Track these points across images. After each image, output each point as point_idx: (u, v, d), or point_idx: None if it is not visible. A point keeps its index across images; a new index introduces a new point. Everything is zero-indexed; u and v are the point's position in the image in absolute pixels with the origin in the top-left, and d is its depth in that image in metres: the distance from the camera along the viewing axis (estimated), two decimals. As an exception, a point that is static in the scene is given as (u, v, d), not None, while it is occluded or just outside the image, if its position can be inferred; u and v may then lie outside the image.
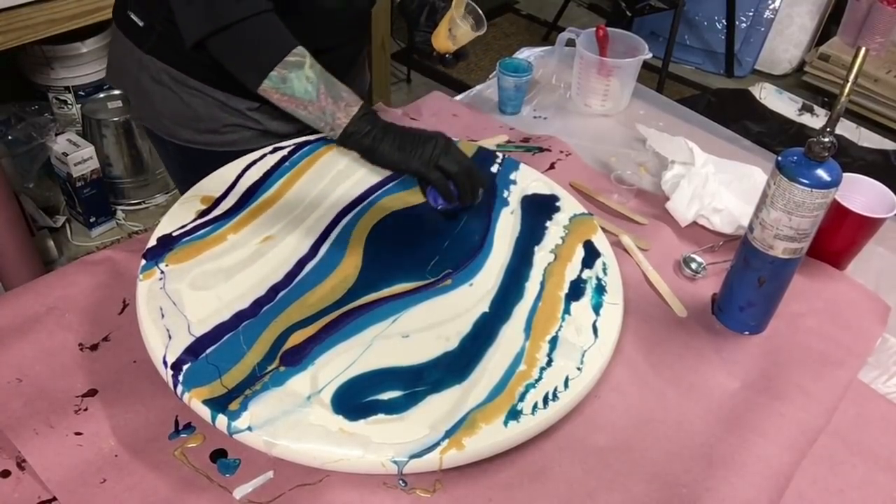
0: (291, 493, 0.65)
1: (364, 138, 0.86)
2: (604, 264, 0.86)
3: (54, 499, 0.64)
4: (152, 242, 0.82)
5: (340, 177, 0.95)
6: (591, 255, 0.87)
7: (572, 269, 0.85)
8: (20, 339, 0.77)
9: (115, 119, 1.87)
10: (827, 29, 2.90)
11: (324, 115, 0.86)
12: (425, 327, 0.76)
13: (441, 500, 0.66)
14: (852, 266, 0.95)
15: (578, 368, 0.73)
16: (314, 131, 0.98)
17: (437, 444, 0.65)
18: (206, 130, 1.01)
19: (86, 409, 0.71)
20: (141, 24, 0.96)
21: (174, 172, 1.19)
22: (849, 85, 0.70)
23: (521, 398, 0.69)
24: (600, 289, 0.82)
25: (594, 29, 1.23)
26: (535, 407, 0.69)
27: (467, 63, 3.00)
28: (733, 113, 2.22)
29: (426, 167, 0.85)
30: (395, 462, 0.63)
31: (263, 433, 0.64)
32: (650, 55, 1.21)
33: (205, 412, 0.66)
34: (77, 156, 1.77)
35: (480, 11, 1.00)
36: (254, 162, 0.95)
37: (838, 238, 0.92)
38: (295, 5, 0.91)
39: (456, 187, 0.86)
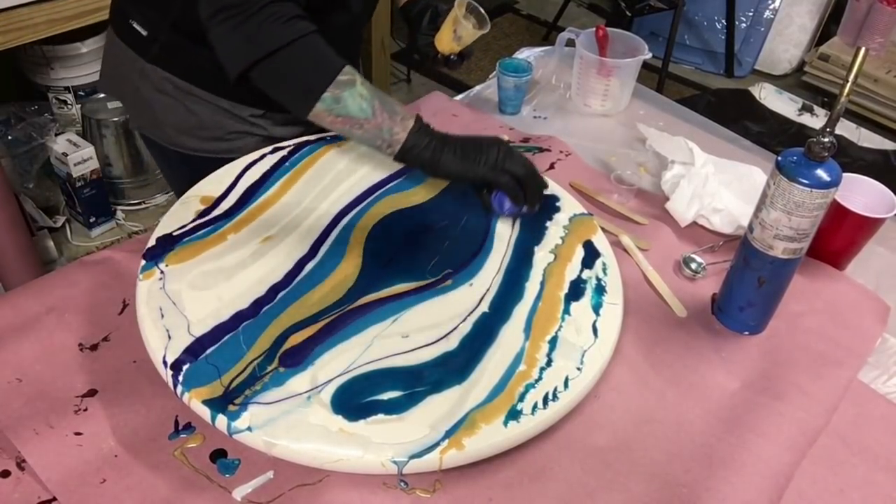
0: (291, 493, 0.65)
1: (424, 151, 0.83)
2: (604, 264, 0.86)
3: (54, 499, 0.64)
4: (152, 242, 0.82)
5: (340, 177, 0.95)
6: (590, 255, 0.87)
7: (572, 269, 0.85)
8: (20, 339, 0.77)
9: (115, 119, 1.87)
10: (827, 29, 2.90)
11: (381, 131, 0.83)
12: (425, 327, 0.76)
13: (441, 500, 0.66)
14: (852, 266, 0.95)
15: (578, 368, 0.73)
16: (318, 132, 0.98)
17: (437, 444, 0.65)
18: (211, 138, 1.00)
19: (86, 409, 0.71)
20: (144, 33, 0.95)
21: (174, 180, 1.18)
22: (849, 85, 0.70)
23: (521, 398, 0.69)
24: (600, 289, 0.82)
25: (594, 29, 1.23)
26: (534, 407, 0.69)
27: (468, 63, 3.00)
28: (733, 113, 2.22)
29: (494, 172, 0.83)
30: (395, 462, 0.63)
31: (263, 433, 0.64)
32: (650, 55, 1.21)
33: (204, 412, 0.66)
34: (77, 156, 1.77)
35: (482, 10, 0.99)
36: (254, 162, 0.95)
37: (838, 238, 0.92)
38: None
39: (522, 190, 0.85)
